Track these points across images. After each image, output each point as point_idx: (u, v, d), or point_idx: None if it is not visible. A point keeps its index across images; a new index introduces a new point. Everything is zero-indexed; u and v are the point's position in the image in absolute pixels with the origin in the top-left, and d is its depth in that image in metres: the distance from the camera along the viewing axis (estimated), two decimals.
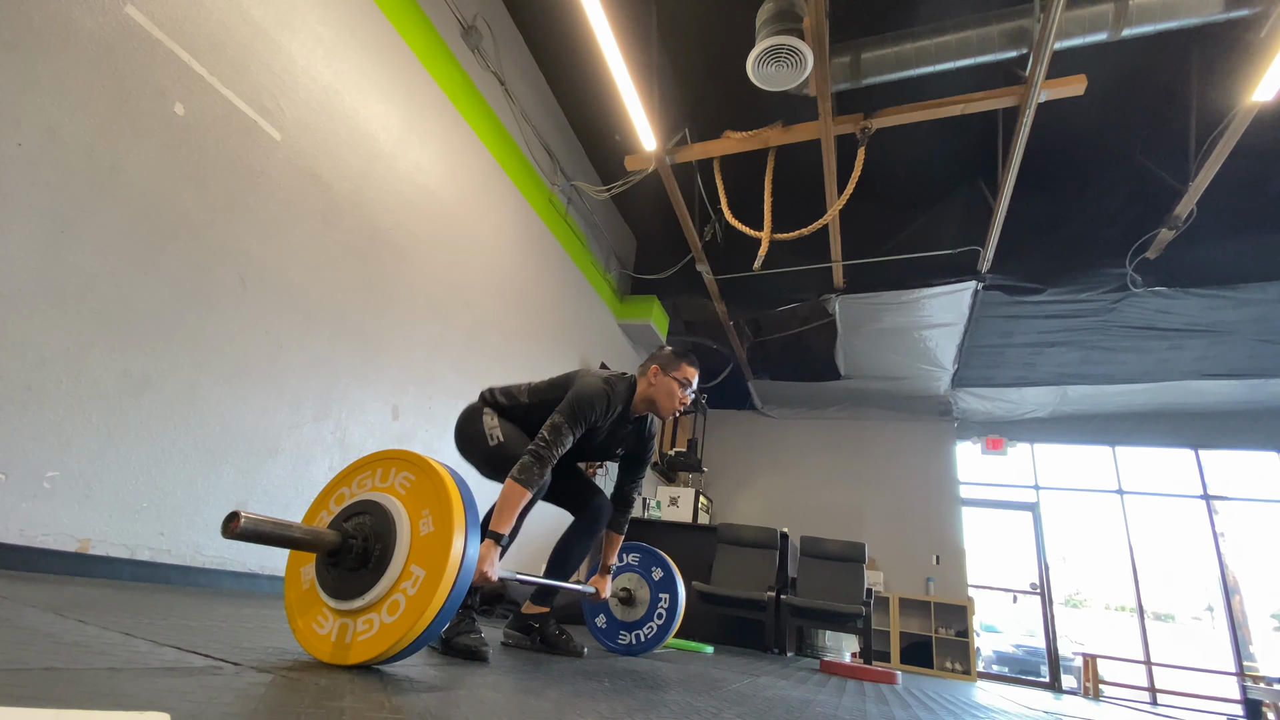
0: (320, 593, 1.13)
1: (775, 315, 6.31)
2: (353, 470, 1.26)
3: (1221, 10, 3.11)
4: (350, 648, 1.07)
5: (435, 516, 1.11)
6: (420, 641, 1.05)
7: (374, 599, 1.08)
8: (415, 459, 1.20)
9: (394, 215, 3.21)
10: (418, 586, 1.06)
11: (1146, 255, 4.58)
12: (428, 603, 1.03)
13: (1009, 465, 7.84)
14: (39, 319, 1.79)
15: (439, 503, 1.12)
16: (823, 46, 3.31)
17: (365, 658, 1.05)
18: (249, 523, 0.95)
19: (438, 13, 3.56)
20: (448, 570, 1.05)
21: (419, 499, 1.15)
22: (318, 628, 1.12)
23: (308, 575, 1.18)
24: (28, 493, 1.76)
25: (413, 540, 1.11)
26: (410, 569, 1.08)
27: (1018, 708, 3.17)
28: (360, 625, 1.08)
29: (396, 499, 1.16)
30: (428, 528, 1.11)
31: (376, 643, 1.04)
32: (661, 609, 2.45)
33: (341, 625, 1.10)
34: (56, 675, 0.70)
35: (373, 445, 3.08)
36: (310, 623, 1.14)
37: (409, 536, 1.11)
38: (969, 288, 5.07)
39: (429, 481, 1.16)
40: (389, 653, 1.04)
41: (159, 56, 2.11)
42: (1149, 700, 6.57)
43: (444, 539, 1.08)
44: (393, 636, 1.03)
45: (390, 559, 1.10)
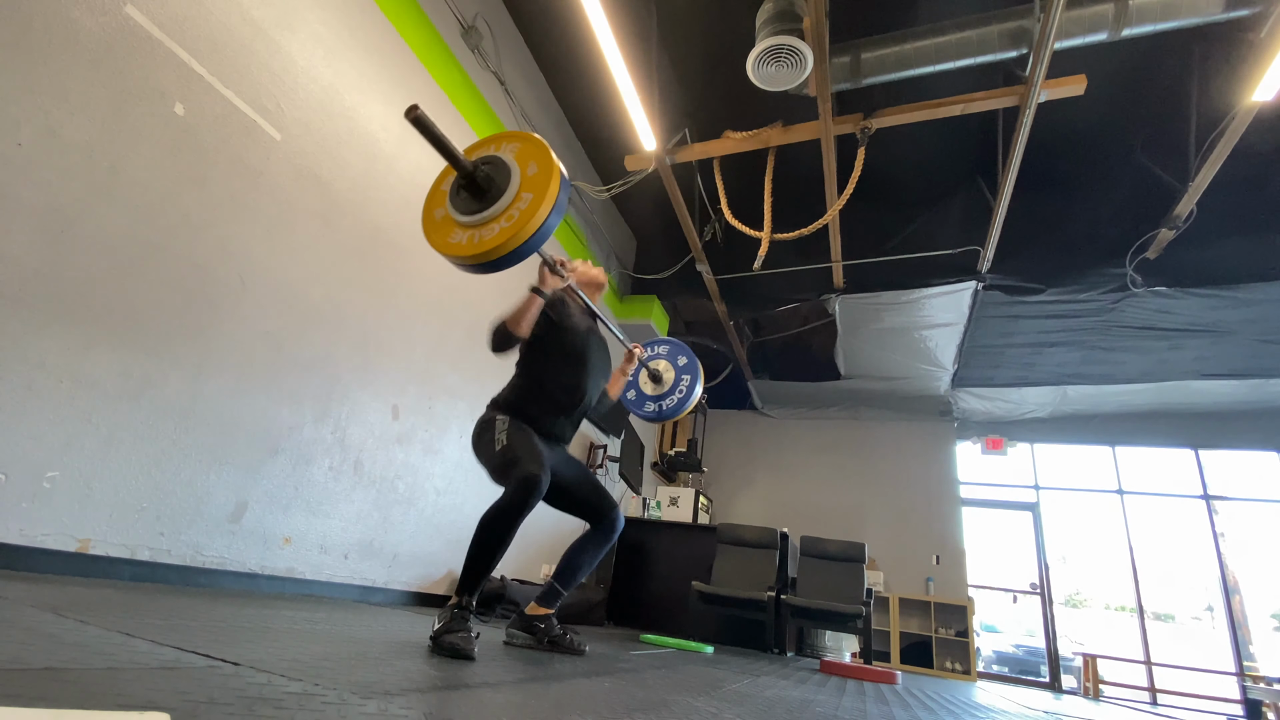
0: (454, 215, 1.58)
1: (775, 315, 6.31)
2: (472, 148, 1.70)
3: (1221, 10, 3.11)
4: (480, 244, 1.51)
5: (538, 163, 1.56)
6: (530, 244, 1.49)
7: (497, 211, 1.52)
8: (521, 135, 1.66)
9: (394, 215, 3.21)
10: (527, 204, 1.51)
11: (1146, 255, 4.58)
12: (534, 214, 1.48)
13: (1009, 465, 7.83)
14: (39, 319, 1.79)
15: (541, 156, 1.57)
16: (823, 46, 3.31)
17: (491, 246, 1.49)
18: (423, 114, 1.44)
19: (438, 13, 3.56)
20: (549, 194, 1.49)
21: (525, 156, 1.59)
22: (454, 238, 1.56)
23: (440, 214, 1.63)
24: (28, 493, 1.76)
25: (523, 177, 1.55)
26: (522, 195, 1.53)
27: (1018, 708, 3.17)
28: (485, 232, 1.52)
29: (510, 156, 1.61)
30: (533, 170, 1.55)
31: (499, 238, 1.49)
32: (683, 385, 2.78)
33: (471, 235, 1.54)
34: (56, 675, 0.70)
35: (373, 445, 3.08)
36: (446, 238, 1.57)
37: (519, 175, 1.55)
38: (969, 288, 5.07)
39: (532, 145, 1.61)
40: (507, 245, 1.48)
41: (159, 56, 2.11)
42: (1149, 700, 6.57)
43: (545, 176, 1.53)
44: (508, 234, 1.48)
45: (508, 186, 1.54)
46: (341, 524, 2.90)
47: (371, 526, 3.08)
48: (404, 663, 1.29)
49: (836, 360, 6.74)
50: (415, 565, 3.40)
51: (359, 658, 1.25)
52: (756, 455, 8.46)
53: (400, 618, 2.41)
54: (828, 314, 5.82)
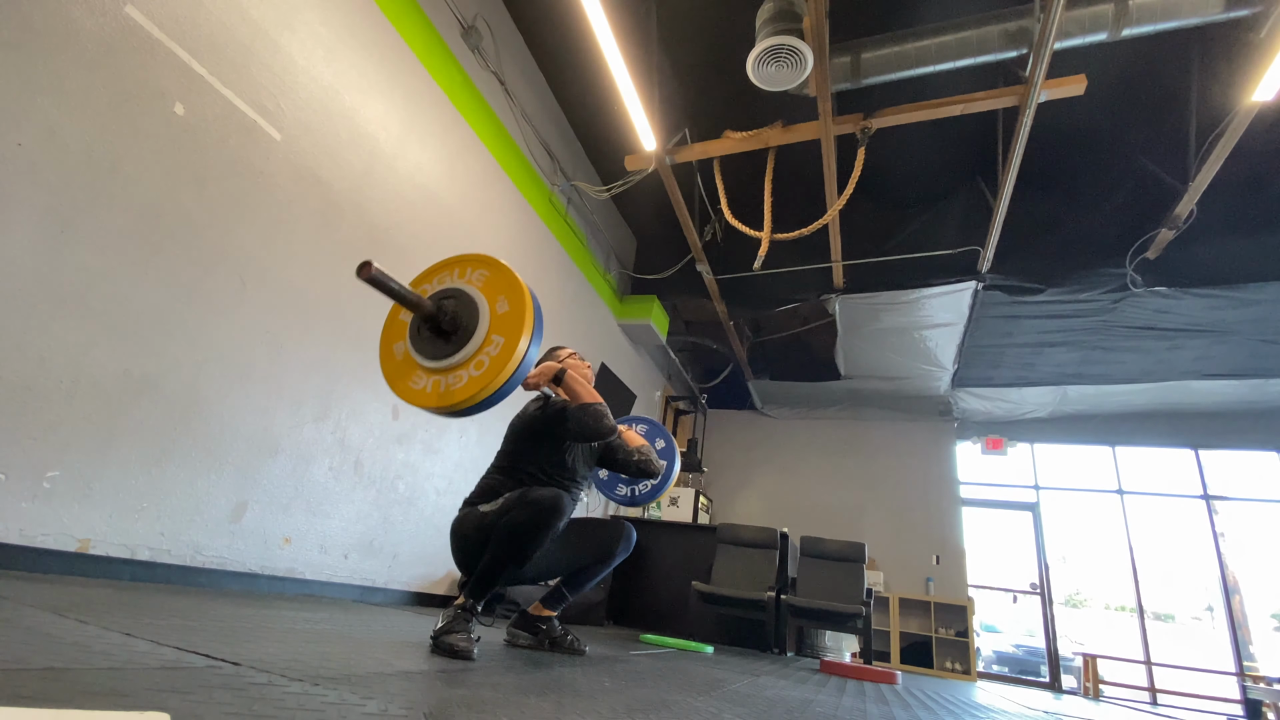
0: (415, 358, 1.46)
1: (775, 315, 6.31)
2: (430, 272, 1.58)
3: (1221, 10, 3.11)
4: (446, 395, 1.40)
5: (509, 299, 1.44)
6: (502, 392, 1.38)
7: (463, 358, 1.40)
8: (487, 259, 1.53)
9: (394, 215, 3.21)
10: (499, 349, 1.39)
11: (1146, 255, 4.58)
12: (506, 361, 1.37)
13: (1009, 465, 7.83)
14: (39, 319, 1.79)
15: (511, 290, 1.45)
16: (823, 46, 3.30)
17: (460, 398, 1.37)
18: (378, 272, 1.30)
19: (438, 13, 3.56)
20: (522, 338, 1.38)
21: (494, 288, 1.47)
22: (415, 385, 1.45)
23: (400, 349, 1.51)
24: (28, 493, 1.76)
25: (492, 316, 1.43)
26: (492, 337, 1.41)
27: (1018, 708, 3.17)
28: (451, 379, 1.41)
29: (475, 288, 1.48)
30: (504, 308, 1.43)
31: (468, 389, 1.37)
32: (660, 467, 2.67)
33: (435, 381, 1.43)
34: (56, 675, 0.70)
35: (373, 445, 3.08)
36: (408, 383, 1.46)
37: (489, 313, 1.43)
38: (969, 288, 5.07)
39: (501, 276, 1.48)
40: (477, 397, 1.36)
41: (159, 56, 2.11)
42: (1149, 700, 6.57)
43: (518, 315, 1.40)
44: (478, 385, 1.36)
45: (476, 328, 1.42)
46: (341, 524, 2.90)
47: (371, 526, 3.08)
48: (404, 663, 1.29)
49: (836, 360, 6.74)
50: (415, 565, 3.40)
51: (359, 658, 1.25)
52: (756, 455, 8.46)
53: (400, 618, 2.41)
54: (828, 314, 5.82)
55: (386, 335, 1.56)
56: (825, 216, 4.31)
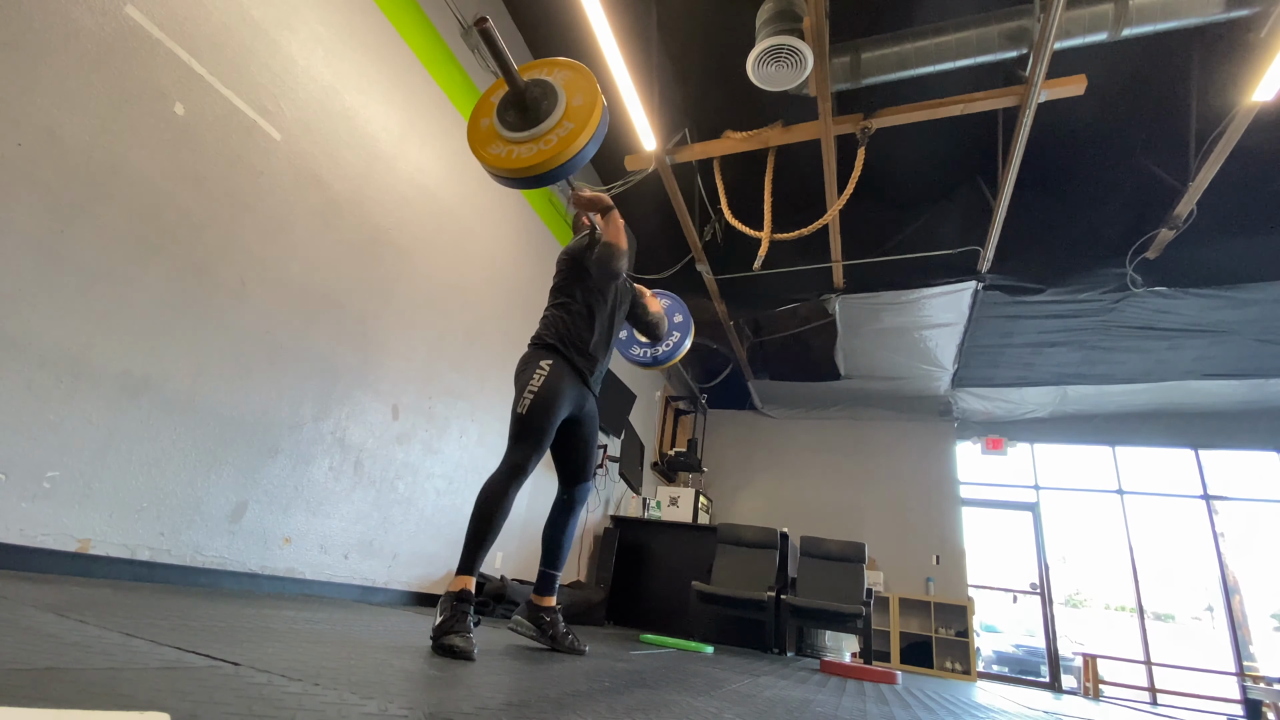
0: (498, 126, 1.69)
1: (775, 315, 6.31)
2: (524, 68, 1.75)
3: (1221, 10, 3.11)
4: (516, 160, 1.63)
5: (584, 95, 1.67)
6: (562, 170, 1.61)
7: (538, 133, 1.63)
8: (574, 65, 1.75)
9: (394, 215, 3.21)
10: (567, 132, 1.62)
11: (1146, 255, 4.58)
12: (571, 143, 1.60)
13: (1009, 465, 7.83)
14: (39, 319, 1.79)
15: (588, 89, 1.68)
16: (823, 46, 3.31)
17: (525, 164, 1.60)
18: (492, 27, 1.52)
19: (438, 13, 3.56)
20: (589, 126, 1.61)
21: (574, 86, 1.69)
22: (493, 149, 1.68)
23: (485, 123, 1.73)
24: (28, 493, 1.76)
25: (568, 106, 1.65)
26: (564, 122, 1.63)
27: (1018, 708, 3.17)
28: (524, 150, 1.64)
29: (559, 83, 1.71)
30: (579, 101, 1.66)
31: (534, 159, 1.60)
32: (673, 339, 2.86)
33: (509, 150, 1.65)
34: (56, 675, 0.70)
35: (373, 445, 3.08)
36: (486, 147, 1.69)
37: (565, 102, 1.66)
38: (969, 288, 5.07)
39: (582, 77, 1.72)
40: (541, 167, 1.60)
41: (159, 56, 2.11)
42: (1149, 700, 6.57)
43: (589, 110, 1.64)
44: (544, 156, 1.59)
45: (553, 111, 1.64)
46: (341, 524, 2.90)
47: (371, 526, 3.08)
48: (404, 663, 1.29)
49: (836, 360, 6.74)
50: (415, 565, 3.40)
51: (359, 658, 1.25)
52: (756, 455, 8.47)
53: (400, 617, 2.41)
54: (828, 314, 5.82)
55: (477, 111, 1.79)
56: (825, 216, 4.31)
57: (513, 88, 1.66)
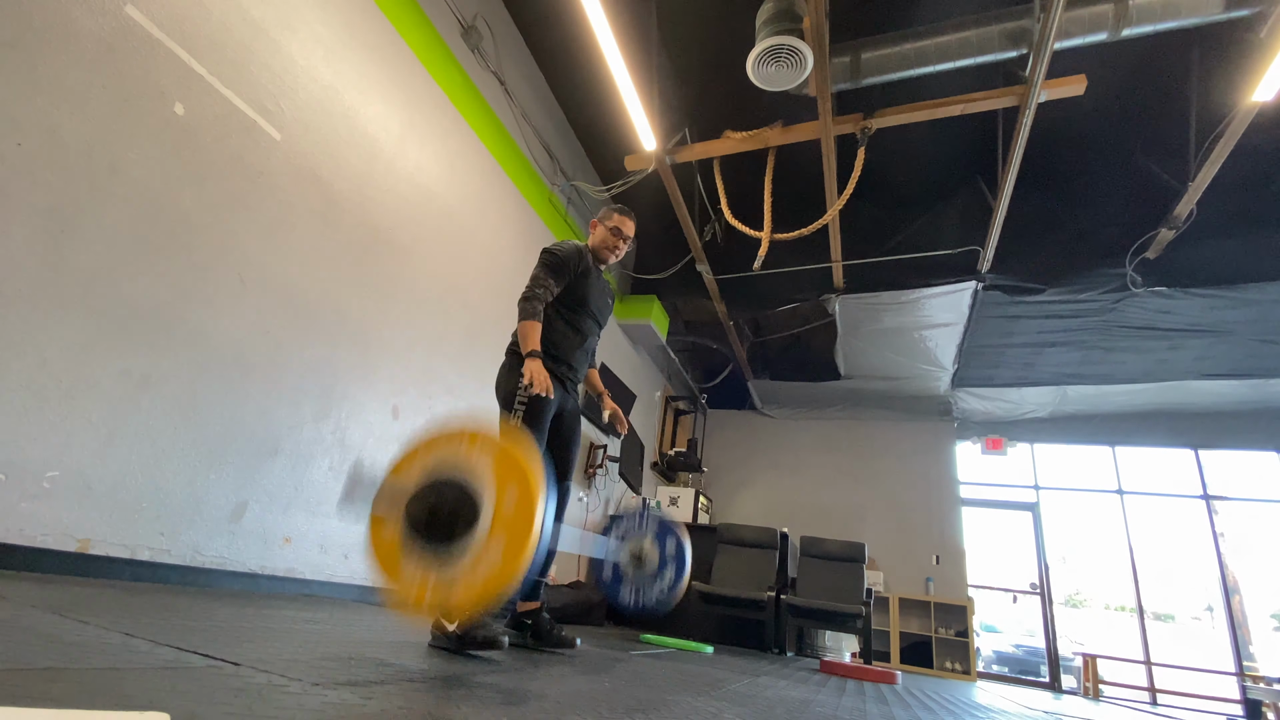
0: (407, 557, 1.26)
1: (775, 315, 6.31)
2: (433, 443, 1.34)
3: (1221, 10, 3.11)
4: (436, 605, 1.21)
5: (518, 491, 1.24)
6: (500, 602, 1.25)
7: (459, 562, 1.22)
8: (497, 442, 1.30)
9: (394, 215, 3.21)
10: (500, 550, 1.20)
11: (1146, 255, 4.58)
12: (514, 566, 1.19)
13: (1009, 465, 7.83)
14: (39, 319, 1.79)
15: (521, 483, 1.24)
16: (823, 46, 3.30)
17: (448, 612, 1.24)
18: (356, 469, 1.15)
19: (438, 13, 3.56)
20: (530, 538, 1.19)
21: (502, 477, 1.27)
22: (406, 585, 1.22)
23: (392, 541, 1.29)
24: (28, 493, 1.76)
25: (496, 513, 1.23)
26: (493, 538, 1.21)
27: (1018, 708, 3.17)
28: (446, 586, 1.20)
29: (479, 476, 1.26)
30: (510, 503, 1.24)
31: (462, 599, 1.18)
32: (668, 575, 2.54)
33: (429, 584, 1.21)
34: (56, 675, 0.70)
35: (373, 445, 3.08)
36: (397, 580, 1.25)
37: (492, 510, 1.23)
38: (969, 288, 5.07)
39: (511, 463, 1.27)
40: (472, 607, 1.17)
41: (159, 56, 2.11)
42: (1149, 700, 6.57)
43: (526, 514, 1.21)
44: (476, 595, 1.18)
45: (475, 528, 1.23)
46: (341, 524, 2.90)
47: None
48: (404, 662, 1.29)
49: (836, 360, 6.74)
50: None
51: (359, 657, 1.25)
52: (756, 455, 8.46)
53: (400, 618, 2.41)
54: (828, 314, 5.82)
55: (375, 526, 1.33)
56: (825, 216, 4.31)
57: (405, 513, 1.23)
